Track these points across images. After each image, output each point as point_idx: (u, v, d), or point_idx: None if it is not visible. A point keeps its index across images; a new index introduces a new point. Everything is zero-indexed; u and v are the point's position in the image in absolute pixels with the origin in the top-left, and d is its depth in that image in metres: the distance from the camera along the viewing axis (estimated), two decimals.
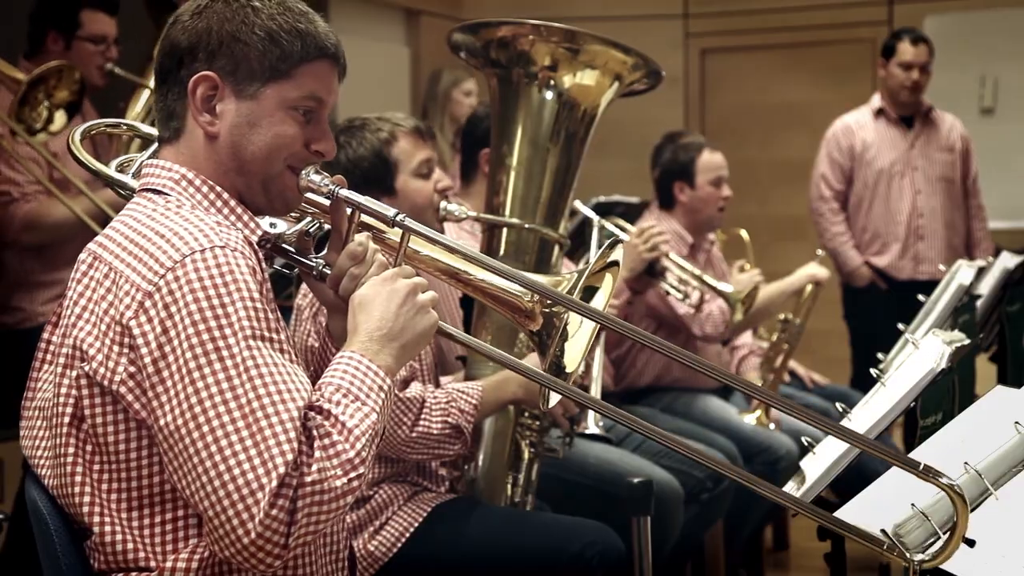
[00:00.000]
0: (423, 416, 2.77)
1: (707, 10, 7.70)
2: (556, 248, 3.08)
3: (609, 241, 2.12)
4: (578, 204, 3.90)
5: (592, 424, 3.38)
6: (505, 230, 3.06)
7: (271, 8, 1.93)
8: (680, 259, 4.23)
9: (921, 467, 1.79)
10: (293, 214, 2.06)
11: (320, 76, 1.96)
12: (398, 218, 1.97)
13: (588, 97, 3.06)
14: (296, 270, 2.07)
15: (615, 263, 2.10)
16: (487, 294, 2.10)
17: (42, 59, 4.08)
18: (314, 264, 2.01)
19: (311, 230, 2.04)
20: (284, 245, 2.02)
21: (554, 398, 2.03)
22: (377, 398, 1.82)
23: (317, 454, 1.73)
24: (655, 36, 7.25)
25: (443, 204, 3.06)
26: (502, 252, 3.05)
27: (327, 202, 2.01)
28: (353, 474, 1.74)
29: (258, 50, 1.91)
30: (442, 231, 3.11)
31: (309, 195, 2.00)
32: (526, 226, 3.04)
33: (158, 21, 4.29)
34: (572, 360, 2.04)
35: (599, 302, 2.09)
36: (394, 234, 2.05)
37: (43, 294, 4.06)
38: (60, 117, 3.83)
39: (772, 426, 4.40)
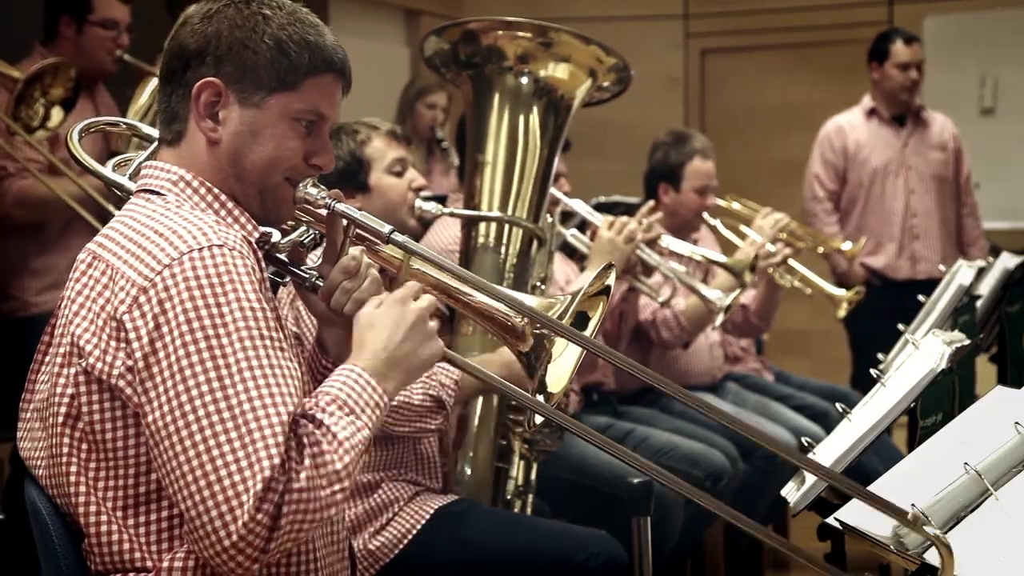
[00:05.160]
0: None
1: (707, 10, 7.70)
2: (535, 241, 3.11)
3: (603, 266, 2.11)
4: (569, 201, 3.86)
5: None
6: (483, 223, 3.09)
7: (282, 18, 1.92)
8: (675, 240, 4.21)
9: (910, 516, 1.82)
10: (288, 223, 2.05)
11: (325, 90, 1.95)
12: (393, 235, 1.96)
13: (562, 87, 3.09)
14: (287, 277, 2.06)
15: (608, 288, 2.09)
16: (478, 312, 2.09)
17: (56, 45, 4.10)
18: (307, 275, 2.00)
19: (305, 240, 2.03)
20: (278, 254, 2.01)
21: (539, 416, 2.02)
22: (372, 414, 1.82)
23: (306, 462, 1.72)
24: (655, 36, 7.25)
25: (418, 203, 3.07)
26: (480, 245, 3.08)
27: (323, 212, 2.00)
28: (338, 486, 1.74)
29: (266, 59, 1.90)
30: (419, 229, 3.14)
31: (305, 206, 2.00)
32: (504, 219, 3.06)
33: (173, 11, 4.30)
34: (556, 382, 2.03)
35: (590, 327, 2.08)
36: (388, 248, 2.05)
37: (36, 282, 4.07)
38: (57, 113, 3.84)
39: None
